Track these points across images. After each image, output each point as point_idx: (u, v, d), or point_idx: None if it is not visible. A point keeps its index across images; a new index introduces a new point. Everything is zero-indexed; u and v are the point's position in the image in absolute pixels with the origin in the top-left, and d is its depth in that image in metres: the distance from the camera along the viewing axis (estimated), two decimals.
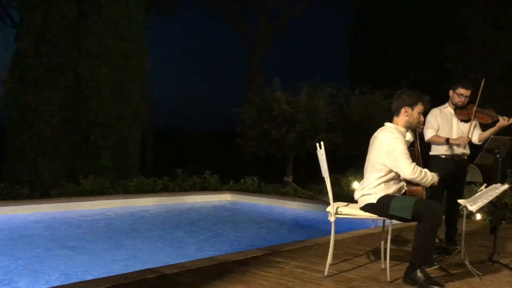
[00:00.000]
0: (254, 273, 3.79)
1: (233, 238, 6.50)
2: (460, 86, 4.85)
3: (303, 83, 13.87)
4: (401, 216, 3.64)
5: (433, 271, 3.98)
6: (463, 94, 4.83)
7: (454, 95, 4.90)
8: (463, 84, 4.86)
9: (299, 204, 9.18)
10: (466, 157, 4.99)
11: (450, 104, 4.97)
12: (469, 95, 4.86)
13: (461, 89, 4.84)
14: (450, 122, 4.93)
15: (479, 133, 4.90)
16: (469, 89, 4.84)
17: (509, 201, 7.42)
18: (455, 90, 4.88)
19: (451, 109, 4.96)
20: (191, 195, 9.63)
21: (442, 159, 4.85)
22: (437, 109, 4.99)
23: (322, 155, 3.97)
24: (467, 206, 3.75)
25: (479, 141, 4.88)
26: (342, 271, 3.98)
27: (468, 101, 4.89)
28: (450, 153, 4.86)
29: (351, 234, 5.59)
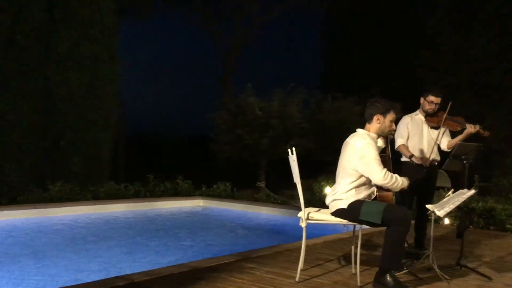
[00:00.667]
0: (226, 279, 3.78)
1: (205, 244, 6.46)
2: (430, 94, 4.96)
3: (276, 88, 13.96)
4: (371, 221, 3.68)
5: (402, 275, 4.04)
6: (433, 101, 4.93)
7: (424, 103, 5.00)
8: (434, 92, 4.96)
9: (271, 210, 9.19)
10: (436, 163, 5.10)
11: (421, 111, 5.07)
12: (439, 103, 4.97)
13: (431, 97, 4.94)
14: (421, 129, 5.03)
15: (448, 140, 5.01)
16: (439, 96, 4.95)
17: (476, 206, 7.60)
18: (426, 97, 4.98)
19: (422, 116, 5.06)
20: (163, 201, 9.54)
21: (413, 165, 4.94)
22: (408, 116, 5.08)
23: (293, 161, 3.99)
24: (435, 211, 3.82)
25: (448, 148, 5.00)
26: (313, 277, 4.00)
27: (439, 108, 4.99)
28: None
29: (322, 239, 5.63)
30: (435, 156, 5.02)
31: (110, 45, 11.45)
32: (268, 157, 13.88)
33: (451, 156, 4.54)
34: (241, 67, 39.49)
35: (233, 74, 20.56)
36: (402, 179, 3.75)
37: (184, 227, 7.80)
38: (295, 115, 13.66)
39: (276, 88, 13.97)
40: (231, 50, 20.57)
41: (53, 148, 10.51)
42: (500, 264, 4.81)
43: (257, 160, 14.12)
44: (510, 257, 5.24)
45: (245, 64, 46.25)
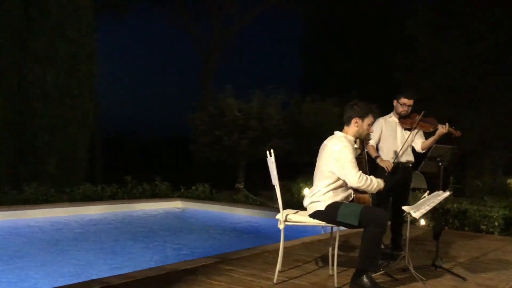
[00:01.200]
0: (203, 282, 3.76)
1: (183, 246, 6.42)
2: (403, 96, 5.03)
3: (255, 90, 13.97)
4: (348, 222, 3.71)
5: (379, 276, 4.08)
6: (406, 103, 5.00)
7: (397, 105, 5.07)
8: (406, 94, 5.03)
9: (250, 211, 9.19)
10: (410, 164, 5.16)
11: (395, 114, 5.13)
12: (412, 105, 5.03)
13: (404, 99, 5.01)
14: (395, 131, 5.09)
15: (422, 142, 5.09)
16: (411, 99, 5.02)
17: (451, 207, 7.72)
18: (399, 100, 5.05)
19: (396, 118, 5.12)
20: (140, 203, 9.44)
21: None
22: (382, 118, 5.14)
23: (272, 163, 4.00)
24: (411, 212, 3.87)
25: (421, 149, 5.08)
26: (291, 278, 4.01)
27: (412, 110, 5.06)
28: (395, 161, 5.01)
29: (300, 241, 5.65)
30: (408, 158, 5.09)
31: (87, 44, 11.31)
32: (247, 158, 13.88)
33: (427, 158, 4.61)
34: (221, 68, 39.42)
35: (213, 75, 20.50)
36: (378, 180, 3.79)
37: (162, 229, 7.74)
38: (274, 116, 13.69)
39: (255, 89, 14.00)
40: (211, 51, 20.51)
41: (29, 149, 10.32)
42: (474, 265, 4.90)
43: (236, 161, 14.11)
44: (484, 257, 5.34)
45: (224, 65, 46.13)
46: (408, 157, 5.08)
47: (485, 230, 7.33)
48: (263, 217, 8.57)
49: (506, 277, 4.41)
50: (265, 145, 12.33)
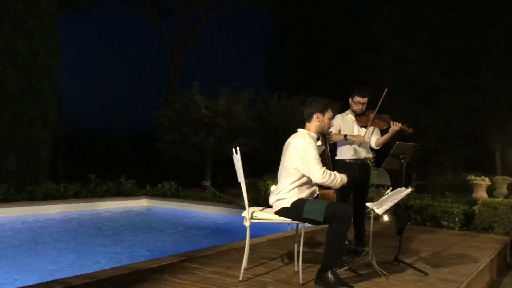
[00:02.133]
0: (168, 281, 3.72)
1: (148, 245, 6.33)
2: (356, 94, 5.11)
3: (222, 87, 13.93)
4: (313, 219, 3.74)
5: (343, 272, 4.13)
6: (359, 101, 5.09)
7: (352, 103, 5.16)
8: (359, 92, 5.12)
9: (217, 209, 9.16)
10: (368, 161, 5.27)
11: (351, 112, 5.21)
12: (366, 102, 5.12)
13: (357, 97, 5.10)
14: (351, 128, 5.17)
15: (377, 138, 5.19)
16: (364, 96, 5.10)
17: (413, 203, 7.90)
18: (353, 98, 5.14)
19: (352, 115, 5.20)
20: (104, 201, 9.26)
21: (347, 163, 5.07)
22: (340, 115, 5.20)
23: (238, 161, 3.99)
24: (374, 209, 3.93)
25: (376, 146, 5.19)
26: (257, 275, 4.01)
27: (367, 107, 5.15)
28: (354, 157, 5.09)
29: (266, 238, 5.66)
30: (366, 154, 5.18)
31: (49, 39, 11.00)
32: (214, 156, 13.84)
33: (390, 155, 4.69)
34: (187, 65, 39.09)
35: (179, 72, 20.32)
36: (341, 176, 3.83)
37: (127, 228, 7.62)
38: (241, 114, 13.70)
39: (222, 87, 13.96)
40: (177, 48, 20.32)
41: None
42: (435, 260, 5.02)
43: (203, 159, 14.05)
44: (445, 252, 5.48)
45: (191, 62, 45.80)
46: (366, 154, 5.17)
47: (446, 225, 7.53)
48: (230, 215, 8.56)
49: (465, 271, 4.54)
50: (232, 143, 12.32)
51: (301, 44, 22.54)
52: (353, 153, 5.09)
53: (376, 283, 3.93)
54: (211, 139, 13.19)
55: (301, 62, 22.35)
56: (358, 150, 5.09)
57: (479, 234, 7.12)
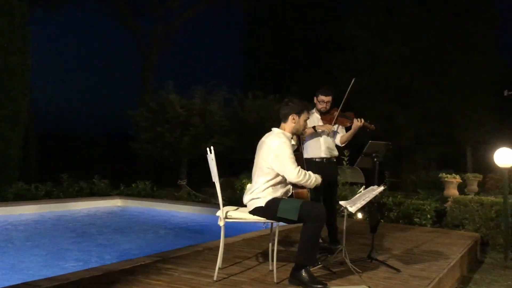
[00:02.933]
0: (142, 282, 3.68)
1: (122, 246, 6.26)
2: (320, 93, 5.20)
3: (198, 86, 13.86)
4: (288, 218, 3.75)
5: (317, 270, 4.16)
6: (324, 100, 5.17)
7: (317, 102, 5.23)
8: (323, 91, 5.20)
9: (192, 208, 9.11)
10: (335, 159, 5.33)
11: (316, 110, 5.27)
12: (330, 101, 5.19)
13: (321, 96, 5.18)
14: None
15: (341, 136, 5.27)
16: (328, 95, 5.19)
17: (386, 201, 8.01)
18: (317, 97, 5.22)
19: (318, 114, 5.26)
20: (77, 202, 9.11)
21: (314, 161, 5.11)
22: None
23: (212, 160, 3.98)
24: (347, 207, 3.97)
25: (341, 143, 5.29)
26: (231, 275, 4.00)
27: (332, 106, 5.21)
28: (321, 155, 5.13)
29: (241, 237, 5.66)
30: (333, 152, 5.24)
31: (20, 37, 10.76)
32: (189, 155, 13.75)
33: (363, 154, 4.75)
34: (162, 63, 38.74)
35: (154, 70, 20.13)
36: (316, 176, 3.86)
37: (99, 229, 7.50)
38: (217, 113, 13.64)
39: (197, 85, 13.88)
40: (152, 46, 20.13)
41: None
42: (408, 256, 5.10)
43: (178, 158, 13.95)
44: (417, 249, 5.57)
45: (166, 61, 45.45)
46: (332, 152, 5.23)
47: (419, 222, 7.66)
48: (206, 214, 8.52)
49: (437, 268, 4.62)
50: (208, 142, 12.28)
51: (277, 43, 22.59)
52: (320, 152, 5.15)
53: (349, 281, 3.97)
54: (187, 138, 13.11)
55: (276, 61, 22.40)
56: (324, 149, 5.15)
57: (450, 231, 7.26)
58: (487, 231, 7.18)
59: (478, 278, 5.52)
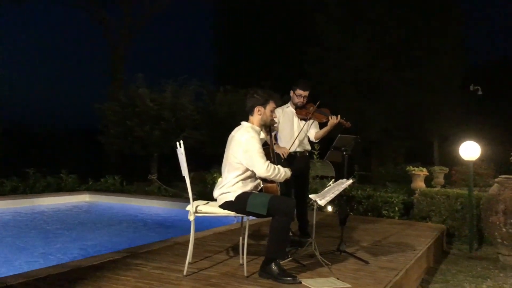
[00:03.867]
0: (110, 278, 3.63)
1: (90, 242, 6.17)
2: (298, 88, 5.22)
3: (169, 80, 13.74)
4: (257, 212, 3.76)
5: (287, 263, 4.18)
6: (301, 94, 5.20)
7: (294, 96, 5.25)
8: (301, 86, 5.23)
9: (163, 203, 9.05)
10: (307, 153, 5.38)
11: (292, 104, 5.30)
12: (307, 96, 5.23)
13: (299, 90, 5.20)
14: (291, 120, 5.27)
15: (316, 131, 5.31)
16: (306, 90, 5.22)
17: (356, 194, 8.13)
18: (295, 91, 5.24)
19: (292, 108, 5.29)
20: (44, 197, 8.92)
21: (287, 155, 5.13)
22: (280, 108, 5.27)
23: (181, 154, 3.95)
24: (317, 200, 4.01)
25: (315, 138, 5.32)
26: (202, 269, 3.99)
27: (308, 100, 5.25)
28: (293, 150, 5.17)
29: (212, 232, 5.65)
30: (305, 147, 5.28)
31: None
32: (160, 149, 13.63)
33: (332, 148, 4.79)
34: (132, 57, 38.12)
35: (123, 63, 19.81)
36: (285, 170, 3.88)
37: (67, 224, 7.37)
38: (188, 107, 13.56)
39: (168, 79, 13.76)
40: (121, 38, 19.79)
41: None
42: (376, 248, 5.19)
43: (148, 152, 13.81)
44: (385, 241, 5.67)
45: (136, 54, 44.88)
46: (305, 146, 5.28)
47: (387, 215, 7.80)
48: (176, 209, 8.47)
49: (404, 259, 4.71)
50: (179, 136, 12.20)
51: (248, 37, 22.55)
52: (294, 146, 5.16)
53: (319, 273, 4.01)
54: (157, 132, 12.99)
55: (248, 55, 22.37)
56: (297, 142, 5.18)
57: (417, 223, 7.42)
58: (453, 223, 7.36)
59: (444, 268, 5.66)
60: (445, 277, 5.22)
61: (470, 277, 5.24)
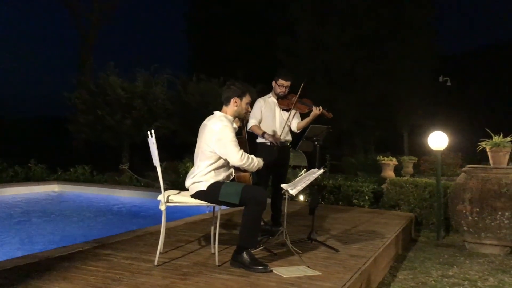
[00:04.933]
0: (79, 268, 3.58)
1: (60, 233, 6.08)
2: (280, 78, 5.20)
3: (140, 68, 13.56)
4: (229, 201, 3.76)
5: (259, 252, 4.21)
6: (283, 84, 5.19)
7: (276, 86, 5.24)
8: (283, 76, 5.21)
9: (134, 193, 8.96)
10: (288, 143, 5.39)
11: (273, 94, 5.29)
12: (289, 86, 5.22)
13: (281, 80, 5.19)
14: (273, 111, 5.26)
15: (298, 122, 5.33)
16: (288, 80, 5.21)
17: (327, 183, 8.21)
18: (277, 81, 5.22)
19: (274, 98, 5.28)
20: (11, 187, 8.72)
21: (267, 146, 5.15)
22: (262, 99, 5.27)
23: (153, 143, 3.91)
24: (288, 190, 4.03)
25: (297, 129, 5.33)
26: (173, 259, 3.98)
27: (289, 91, 5.26)
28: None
29: (184, 221, 5.63)
30: (286, 137, 5.30)
31: None
32: (131, 138, 13.47)
33: (304, 138, 4.82)
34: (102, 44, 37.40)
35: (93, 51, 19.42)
36: (258, 159, 3.89)
37: (35, 215, 7.24)
38: (160, 96, 13.42)
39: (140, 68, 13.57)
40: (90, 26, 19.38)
41: None
42: (346, 237, 5.26)
43: (119, 142, 13.63)
44: (355, 229, 5.76)
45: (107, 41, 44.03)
46: (287, 137, 5.29)
47: (357, 203, 7.92)
48: (148, 199, 8.40)
49: (373, 247, 4.80)
50: (150, 125, 12.08)
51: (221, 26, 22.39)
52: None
53: (290, 261, 4.05)
54: (128, 122, 12.82)
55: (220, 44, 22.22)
56: (277, 132, 5.18)
57: (387, 211, 7.56)
58: (421, 211, 7.52)
59: (412, 256, 5.79)
60: (413, 264, 5.34)
61: (437, 264, 5.37)
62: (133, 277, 3.45)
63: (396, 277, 4.79)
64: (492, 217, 5.85)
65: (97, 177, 10.28)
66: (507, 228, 5.82)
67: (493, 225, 5.85)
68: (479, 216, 5.92)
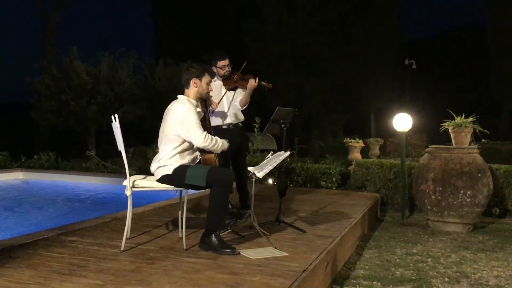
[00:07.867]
0: (43, 255, 3.52)
1: (24, 221, 5.95)
2: (218, 60, 5.15)
3: (105, 52, 13.27)
4: (196, 184, 3.75)
5: (227, 234, 4.23)
6: (224, 64, 5.15)
7: (217, 70, 5.17)
8: (219, 57, 5.17)
9: (100, 179, 8.83)
10: (241, 123, 5.36)
11: (218, 77, 5.23)
12: (229, 64, 5.18)
13: (220, 62, 5.14)
14: (220, 93, 5.20)
15: (240, 99, 5.29)
16: (225, 58, 5.16)
17: (296, 166, 8.28)
18: (215, 65, 5.16)
19: (220, 81, 5.23)
20: None
21: (221, 129, 5.13)
22: None
23: (117, 128, 3.86)
24: (255, 173, 4.05)
25: (241, 106, 5.26)
26: (140, 244, 3.96)
27: (233, 70, 5.21)
28: (227, 122, 5.18)
29: (151, 206, 5.59)
30: (239, 117, 5.27)
31: None
32: (97, 124, 13.23)
33: (270, 120, 4.83)
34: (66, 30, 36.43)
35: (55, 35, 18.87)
36: (222, 141, 3.90)
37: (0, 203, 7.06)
38: (126, 80, 13.20)
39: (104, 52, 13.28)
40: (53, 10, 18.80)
41: None
42: (313, 218, 5.33)
43: (85, 128, 13.37)
44: (322, 210, 5.84)
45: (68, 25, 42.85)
46: (238, 117, 5.27)
47: (325, 185, 8.02)
48: (114, 185, 8.28)
49: (339, 227, 4.88)
50: (117, 111, 11.88)
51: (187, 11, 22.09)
52: (225, 118, 5.17)
53: (258, 243, 4.08)
54: (94, 107, 12.58)
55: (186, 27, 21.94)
56: (229, 114, 5.17)
57: (353, 193, 7.68)
58: (387, 192, 7.67)
59: (377, 235, 5.91)
60: (378, 243, 5.46)
61: (401, 242, 5.51)
62: (98, 263, 3.41)
63: (362, 256, 4.89)
64: (454, 196, 6.02)
65: (62, 164, 10.08)
66: (468, 206, 6.00)
67: (455, 204, 6.03)
68: (442, 195, 6.09)
